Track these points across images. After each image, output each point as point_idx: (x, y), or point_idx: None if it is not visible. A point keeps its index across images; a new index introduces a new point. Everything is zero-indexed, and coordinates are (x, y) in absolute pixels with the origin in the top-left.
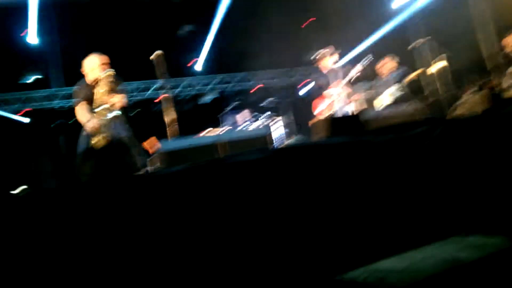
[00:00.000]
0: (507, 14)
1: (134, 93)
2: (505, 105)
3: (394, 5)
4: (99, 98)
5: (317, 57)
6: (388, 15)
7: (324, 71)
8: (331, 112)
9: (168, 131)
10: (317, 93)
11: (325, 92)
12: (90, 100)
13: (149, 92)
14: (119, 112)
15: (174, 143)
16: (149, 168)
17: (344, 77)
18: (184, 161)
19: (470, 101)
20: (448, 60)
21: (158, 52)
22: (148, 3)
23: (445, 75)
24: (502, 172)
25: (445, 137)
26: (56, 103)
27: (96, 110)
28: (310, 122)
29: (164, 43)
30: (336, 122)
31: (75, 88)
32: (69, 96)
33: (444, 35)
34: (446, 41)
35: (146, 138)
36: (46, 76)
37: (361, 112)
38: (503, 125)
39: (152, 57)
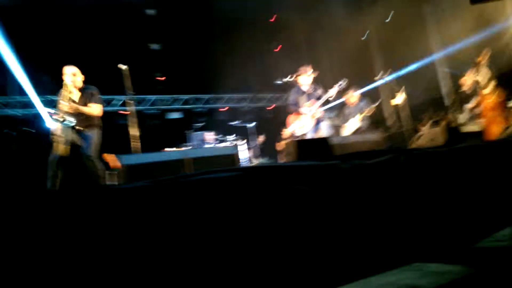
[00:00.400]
0: (460, 54)
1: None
2: (463, 139)
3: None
4: (59, 106)
5: (297, 73)
6: (357, 47)
7: (301, 88)
8: (302, 131)
9: (132, 145)
10: (293, 108)
11: (300, 110)
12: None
13: (115, 107)
14: (73, 121)
15: (137, 158)
16: (108, 182)
17: (318, 98)
18: (147, 176)
19: (430, 133)
20: (408, 94)
21: (124, 67)
22: (117, 15)
23: (405, 107)
24: (462, 201)
25: (408, 166)
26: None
27: (56, 117)
28: (278, 145)
29: (133, 57)
30: (305, 145)
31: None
32: (25, 105)
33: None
34: (408, 74)
35: (109, 150)
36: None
37: (329, 137)
38: (461, 157)
39: (121, 69)
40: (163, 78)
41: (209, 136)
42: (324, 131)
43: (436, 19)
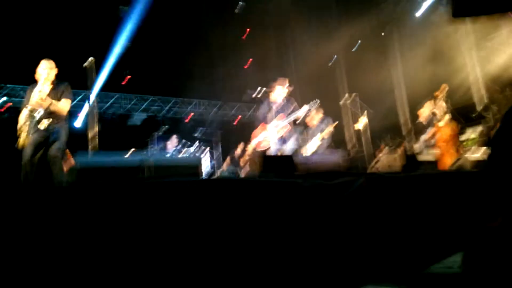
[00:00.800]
0: (418, 86)
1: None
2: (418, 167)
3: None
4: (31, 98)
5: (270, 86)
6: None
7: (272, 102)
8: (267, 146)
9: (90, 145)
10: (261, 120)
11: (268, 123)
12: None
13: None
14: (37, 115)
15: (93, 158)
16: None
17: (287, 113)
18: (104, 178)
19: (387, 159)
20: (369, 118)
21: (91, 59)
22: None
23: (365, 132)
24: (415, 227)
25: (366, 189)
26: None
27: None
28: (243, 158)
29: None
30: (270, 160)
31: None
32: None
33: (369, 95)
34: (370, 100)
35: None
36: None
37: (294, 154)
38: (417, 184)
39: (85, 64)
40: (128, 77)
41: (172, 142)
42: (289, 147)
43: (400, 51)
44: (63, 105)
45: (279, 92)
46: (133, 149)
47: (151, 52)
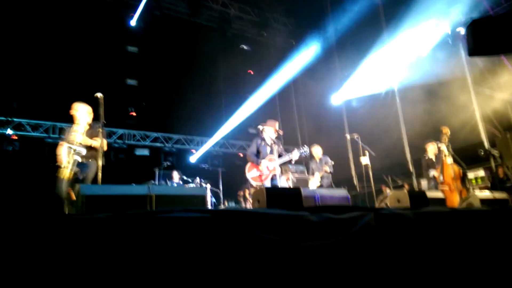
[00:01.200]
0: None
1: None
2: (427, 203)
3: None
4: (72, 137)
5: (264, 124)
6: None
7: (265, 140)
8: (259, 183)
9: (100, 175)
10: (252, 158)
11: (260, 163)
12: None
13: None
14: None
15: (98, 189)
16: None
17: (278, 155)
18: (108, 209)
19: (396, 195)
20: (374, 156)
21: (99, 94)
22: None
23: (370, 168)
24: (427, 264)
25: (376, 224)
26: None
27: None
28: (243, 192)
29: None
30: (275, 194)
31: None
32: None
33: (373, 135)
34: (373, 140)
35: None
36: None
37: (300, 188)
38: (425, 221)
39: (98, 95)
40: (134, 114)
41: (175, 175)
42: (279, 184)
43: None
44: (98, 143)
45: (270, 132)
46: (138, 183)
47: (156, 91)
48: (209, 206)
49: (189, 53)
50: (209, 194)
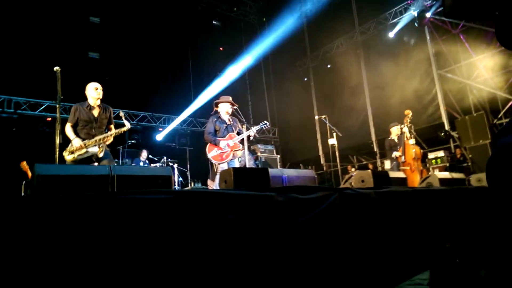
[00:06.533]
0: (390, 108)
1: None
2: (390, 183)
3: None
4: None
5: (218, 101)
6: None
7: (221, 117)
8: (221, 163)
9: (57, 154)
10: (210, 137)
11: (218, 143)
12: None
13: (40, 110)
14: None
15: (56, 168)
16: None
17: (236, 132)
18: (66, 190)
19: (360, 175)
20: (341, 136)
21: (57, 68)
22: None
23: (337, 148)
24: (386, 243)
25: (341, 203)
26: None
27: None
28: (214, 172)
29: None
30: (242, 174)
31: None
32: None
33: (339, 115)
34: (340, 120)
35: (32, 160)
36: None
37: (267, 168)
38: (390, 200)
39: (55, 68)
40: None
41: (144, 154)
42: (247, 164)
43: (368, 71)
44: (117, 131)
45: (224, 108)
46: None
47: (120, 65)
48: (176, 187)
49: (156, 26)
50: (176, 174)
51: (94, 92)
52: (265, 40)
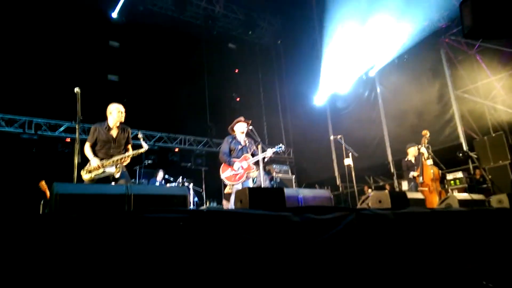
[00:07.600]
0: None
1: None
2: (408, 204)
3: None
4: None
5: (234, 123)
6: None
7: (237, 138)
8: (234, 183)
9: (75, 174)
10: (225, 158)
11: (232, 164)
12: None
13: (60, 131)
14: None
15: (73, 187)
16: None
17: (251, 153)
18: (86, 208)
19: (377, 195)
20: (357, 157)
21: (77, 89)
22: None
23: (353, 169)
24: (406, 263)
25: (358, 224)
26: None
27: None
28: (227, 191)
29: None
30: (257, 194)
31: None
32: None
33: (356, 136)
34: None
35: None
36: None
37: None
38: (405, 222)
39: (76, 89)
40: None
41: (160, 174)
42: (262, 184)
43: (385, 91)
44: (135, 152)
45: (240, 129)
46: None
47: (139, 87)
48: (192, 206)
49: (173, 50)
50: (191, 193)
51: (118, 114)
52: (280, 62)
